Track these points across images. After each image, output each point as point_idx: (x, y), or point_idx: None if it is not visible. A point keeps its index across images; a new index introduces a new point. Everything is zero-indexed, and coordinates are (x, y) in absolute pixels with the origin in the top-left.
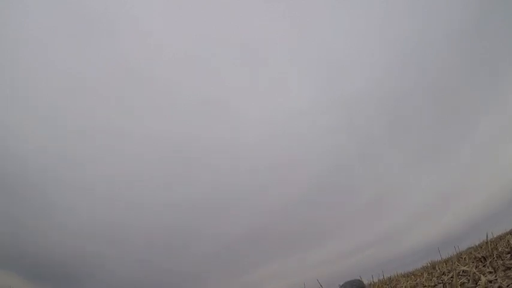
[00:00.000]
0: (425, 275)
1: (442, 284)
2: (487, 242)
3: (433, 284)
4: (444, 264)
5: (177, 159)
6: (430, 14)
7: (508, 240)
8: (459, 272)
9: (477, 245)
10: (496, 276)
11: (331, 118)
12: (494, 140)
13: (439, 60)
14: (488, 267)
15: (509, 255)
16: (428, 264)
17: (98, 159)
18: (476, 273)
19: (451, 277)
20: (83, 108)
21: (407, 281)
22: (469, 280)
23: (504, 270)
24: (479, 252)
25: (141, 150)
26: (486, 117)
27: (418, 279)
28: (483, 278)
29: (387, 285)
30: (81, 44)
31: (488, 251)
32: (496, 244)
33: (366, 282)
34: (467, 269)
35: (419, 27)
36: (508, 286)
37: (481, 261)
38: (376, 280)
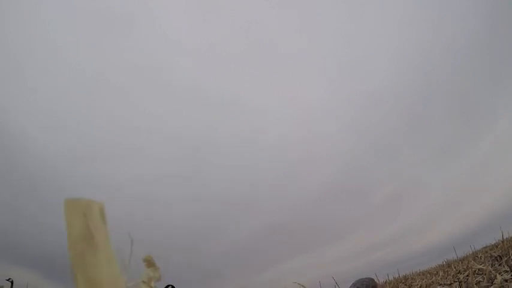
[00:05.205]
0: (440, 273)
1: (457, 283)
2: (502, 241)
3: (448, 282)
4: (460, 263)
5: (195, 157)
6: (448, 12)
7: None
8: (475, 271)
9: (493, 244)
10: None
11: (346, 116)
12: (510, 139)
13: (456, 58)
14: (504, 266)
15: None
16: (444, 263)
17: (116, 157)
18: (492, 272)
19: (467, 275)
20: (99, 106)
21: (422, 280)
22: (484, 279)
23: None
24: (495, 251)
25: (159, 149)
26: (503, 116)
27: (434, 278)
28: (499, 277)
29: (403, 283)
30: (98, 42)
31: (504, 249)
32: None
33: (381, 280)
34: (483, 267)
35: (436, 25)
36: None
37: (497, 260)
38: (391, 278)
